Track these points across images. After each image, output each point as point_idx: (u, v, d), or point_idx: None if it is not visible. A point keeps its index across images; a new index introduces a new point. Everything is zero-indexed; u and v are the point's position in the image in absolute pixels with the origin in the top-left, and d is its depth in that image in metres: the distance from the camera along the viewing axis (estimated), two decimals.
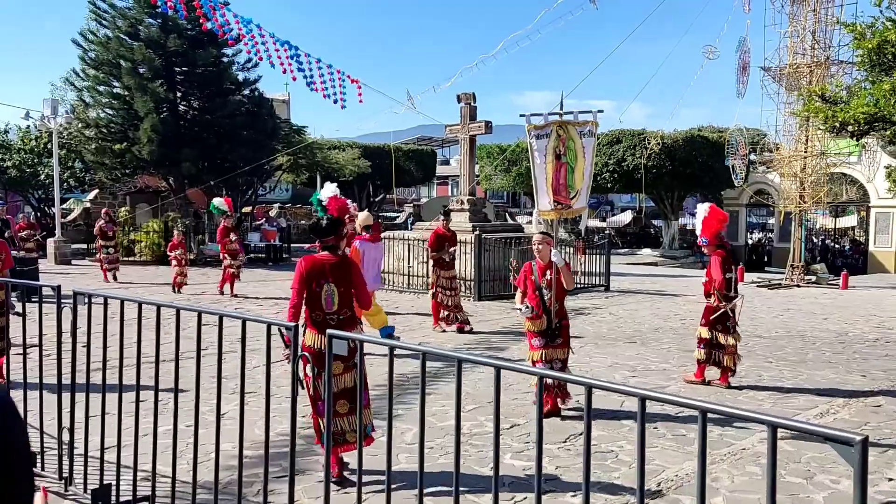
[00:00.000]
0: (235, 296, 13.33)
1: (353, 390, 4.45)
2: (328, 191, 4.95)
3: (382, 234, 12.02)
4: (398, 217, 38.93)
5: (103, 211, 17.43)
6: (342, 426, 4.43)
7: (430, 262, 10.15)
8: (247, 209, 28.01)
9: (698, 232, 7.21)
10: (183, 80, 22.66)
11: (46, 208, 27.61)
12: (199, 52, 21.34)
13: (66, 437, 3.98)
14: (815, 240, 28.15)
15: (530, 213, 50.02)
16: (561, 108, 14.77)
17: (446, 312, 9.75)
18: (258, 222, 28.12)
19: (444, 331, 9.73)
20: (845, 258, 28.79)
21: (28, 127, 27.15)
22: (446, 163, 53.84)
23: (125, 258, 21.69)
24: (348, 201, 5.77)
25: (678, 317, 11.52)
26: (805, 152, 16.42)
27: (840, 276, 17.43)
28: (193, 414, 3.53)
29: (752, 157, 22.24)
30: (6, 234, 18.36)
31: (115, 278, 15.85)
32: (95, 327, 4.19)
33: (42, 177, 26.42)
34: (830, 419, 5.94)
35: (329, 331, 3.11)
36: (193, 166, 21.82)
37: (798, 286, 16.85)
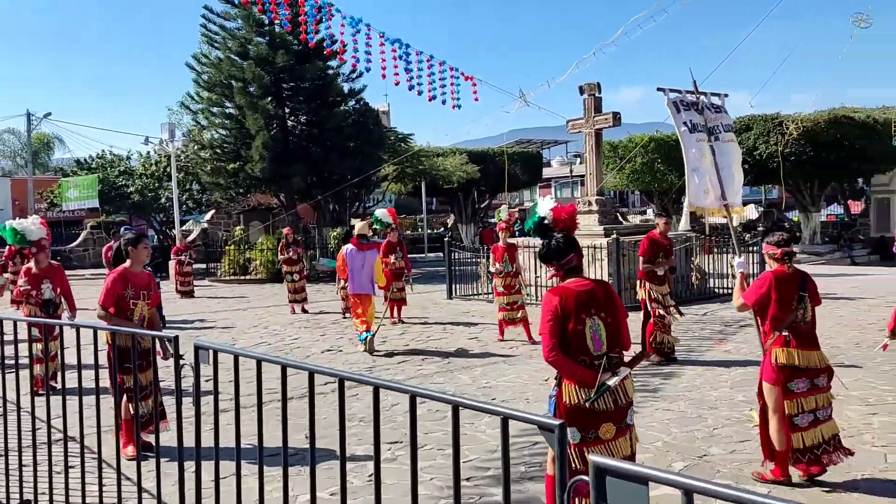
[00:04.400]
0: (402, 322, 11.70)
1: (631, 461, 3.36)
2: (548, 203, 3.84)
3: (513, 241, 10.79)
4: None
5: (285, 231, 14.64)
6: None
7: (640, 274, 8.32)
8: (355, 222, 27.80)
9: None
10: (291, 96, 22.65)
11: (168, 230, 28.55)
12: (305, 66, 21.21)
13: None
14: None
15: (642, 213, 47.59)
16: (695, 88, 13.04)
17: (661, 337, 7.92)
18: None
19: (667, 360, 7.88)
20: None
21: (148, 153, 28.21)
22: (547, 165, 52.25)
23: (242, 277, 21.86)
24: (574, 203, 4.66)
25: (874, 327, 9.62)
26: None
27: None
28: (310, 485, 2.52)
29: None
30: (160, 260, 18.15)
31: (303, 310, 13.49)
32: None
33: (163, 200, 27.31)
34: None
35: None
36: (303, 181, 21.68)
37: None
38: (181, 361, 2.98)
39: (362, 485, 4.54)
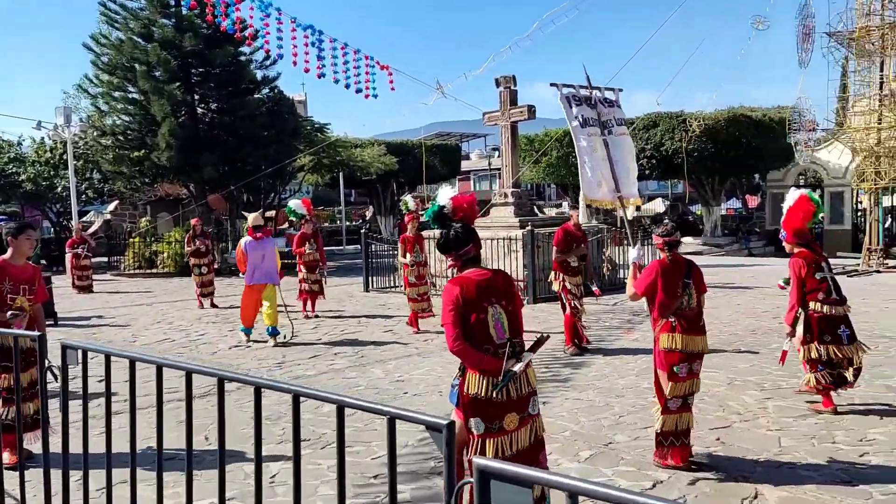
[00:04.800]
0: (317, 316, 11.51)
1: (535, 453, 3.35)
2: (448, 192, 3.81)
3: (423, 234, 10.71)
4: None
5: (193, 222, 14.03)
6: None
7: (555, 265, 8.30)
8: (270, 213, 27.04)
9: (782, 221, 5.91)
10: (200, 82, 21.68)
11: (65, 222, 26.85)
12: (215, 51, 20.33)
13: None
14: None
15: (558, 206, 48.71)
16: (588, 83, 13.31)
17: (580, 327, 8.13)
18: (281, 227, 27.12)
19: (580, 351, 8.02)
20: None
21: (42, 138, 26.36)
22: (466, 157, 52.69)
23: (148, 270, 20.82)
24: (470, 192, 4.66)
25: (769, 315, 10.15)
26: (880, 124, 14.91)
27: None
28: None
29: (820, 133, 20.63)
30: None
31: (212, 304, 13.07)
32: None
33: (59, 189, 25.61)
34: None
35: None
36: (214, 171, 20.81)
37: (878, 272, 15.36)
38: (47, 363, 2.71)
39: (262, 486, 4.33)
